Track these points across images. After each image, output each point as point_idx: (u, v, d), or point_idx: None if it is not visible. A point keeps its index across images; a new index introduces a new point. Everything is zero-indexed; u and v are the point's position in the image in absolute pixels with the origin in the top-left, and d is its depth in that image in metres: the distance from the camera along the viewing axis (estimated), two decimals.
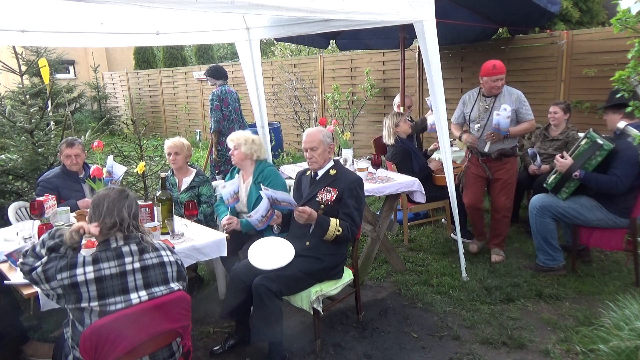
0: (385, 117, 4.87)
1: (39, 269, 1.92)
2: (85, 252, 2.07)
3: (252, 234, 3.39)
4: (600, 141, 3.47)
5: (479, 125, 4.05)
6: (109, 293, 1.93)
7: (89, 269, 1.91)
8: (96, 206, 2.04)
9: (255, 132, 5.74)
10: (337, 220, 2.88)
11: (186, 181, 3.81)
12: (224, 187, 3.45)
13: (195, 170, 3.86)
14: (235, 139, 3.60)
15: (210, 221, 3.71)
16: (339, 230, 2.85)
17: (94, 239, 2.12)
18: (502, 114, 3.85)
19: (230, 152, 3.64)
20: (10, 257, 2.57)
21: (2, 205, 4.03)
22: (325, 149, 3.04)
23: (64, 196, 3.60)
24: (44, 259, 1.95)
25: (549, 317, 3.24)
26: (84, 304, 1.90)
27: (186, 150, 3.82)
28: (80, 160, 3.75)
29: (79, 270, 1.89)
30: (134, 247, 2.02)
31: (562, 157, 3.66)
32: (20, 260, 2.02)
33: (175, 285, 2.12)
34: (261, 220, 2.89)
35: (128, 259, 1.99)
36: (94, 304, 1.91)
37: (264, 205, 2.85)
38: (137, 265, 2.01)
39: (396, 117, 4.76)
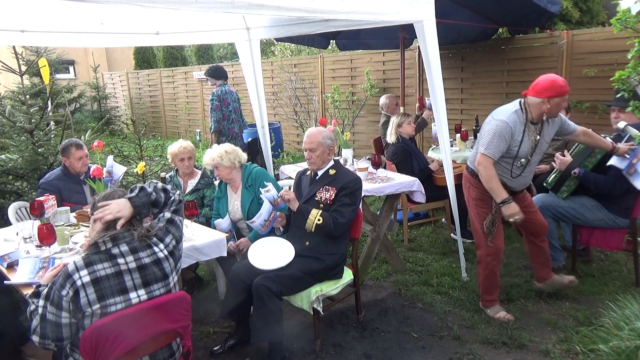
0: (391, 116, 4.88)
1: (47, 305, 1.89)
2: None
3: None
4: None
5: (524, 160, 3.12)
6: (107, 294, 1.92)
7: (84, 272, 1.90)
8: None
9: (256, 132, 5.77)
10: (319, 211, 2.90)
11: (191, 183, 3.81)
12: (252, 222, 3.02)
13: (200, 172, 3.86)
14: (210, 160, 3.41)
15: (211, 224, 3.70)
16: (319, 220, 2.87)
17: None
18: None
19: (216, 174, 3.48)
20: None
21: (2, 205, 4.04)
22: (324, 150, 3.04)
23: (66, 198, 3.59)
24: (42, 301, 1.92)
25: (549, 317, 3.23)
26: (86, 310, 1.90)
27: (195, 153, 3.83)
28: (88, 160, 3.78)
29: (76, 276, 1.89)
30: (124, 248, 2.00)
31: (563, 155, 3.67)
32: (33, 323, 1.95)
33: (171, 279, 2.11)
34: (264, 225, 2.88)
35: (121, 260, 1.97)
36: (95, 307, 1.90)
37: (265, 208, 2.83)
38: (132, 265, 1.99)
39: (401, 117, 4.76)
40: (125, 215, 2.02)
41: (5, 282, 2.41)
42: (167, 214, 2.20)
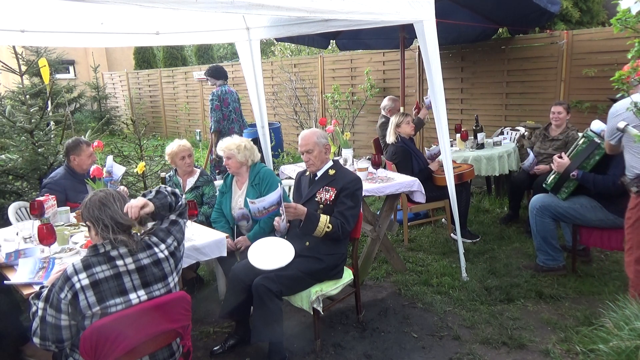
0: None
1: (47, 307, 1.89)
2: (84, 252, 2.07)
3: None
4: (597, 140, 3.48)
5: None
6: (107, 296, 1.93)
7: (83, 275, 1.90)
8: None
9: (256, 132, 5.77)
10: (328, 217, 2.88)
11: (190, 181, 3.82)
12: (252, 203, 2.89)
13: (199, 171, 3.87)
14: (226, 148, 3.46)
15: (211, 222, 3.70)
16: (328, 227, 2.85)
17: None
18: None
19: (224, 163, 3.51)
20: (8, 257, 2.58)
21: (2, 205, 4.03)
22: (321, 150, 3.03)
23: (71, 198, 3.54)
24: (42, 303, 1.92)
25: (549, 317, 3.24)
26: (87, 312, 1.90)
27: (193, 152, 3.85)
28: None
29: (74, 279, 1.89)
30: (123, 250, 2.01)
31: (560, 157, 3.67)
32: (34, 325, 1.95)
33: (171, 280, 2.11)
34: (260, 212, 2.85)
35: (119, 262, 1.98)
36: (96, 309, 1.91)
37: (268, 201, 2.78)
38: (131, 266, 2.00)
39: (399, 117, 4.75)
40: (152, 210, 2.09)
41: (5, 282, 2.41)
42: (172, 216, 2.23)
